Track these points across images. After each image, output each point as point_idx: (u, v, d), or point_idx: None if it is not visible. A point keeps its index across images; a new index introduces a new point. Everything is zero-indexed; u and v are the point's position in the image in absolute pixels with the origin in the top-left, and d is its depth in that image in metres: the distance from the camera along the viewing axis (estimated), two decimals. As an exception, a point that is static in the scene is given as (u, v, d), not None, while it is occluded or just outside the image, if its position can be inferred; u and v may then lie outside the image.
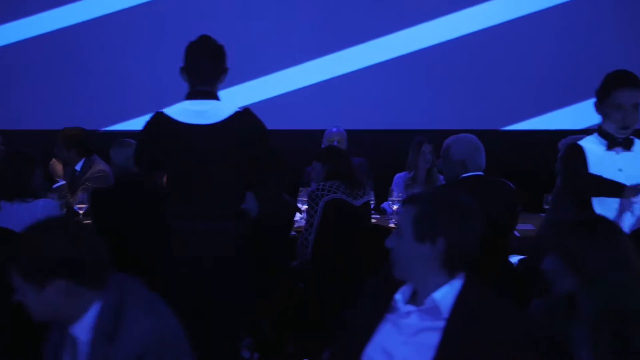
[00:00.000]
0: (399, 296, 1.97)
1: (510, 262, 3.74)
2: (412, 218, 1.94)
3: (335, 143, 5.31)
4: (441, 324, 1.90)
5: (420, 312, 1.94)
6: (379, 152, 6.21)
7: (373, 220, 4.43)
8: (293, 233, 4.14)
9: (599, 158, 2.94)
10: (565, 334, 2.02)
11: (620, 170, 2.91)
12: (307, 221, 3.89)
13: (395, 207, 4.50)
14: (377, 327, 1.98)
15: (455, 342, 1.87)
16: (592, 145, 2.98)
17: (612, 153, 2.94)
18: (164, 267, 2.85)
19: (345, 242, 3.81)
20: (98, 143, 4.88)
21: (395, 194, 4.66)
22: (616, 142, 2.93)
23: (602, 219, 2.09)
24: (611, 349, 1.94)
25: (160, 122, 2.83)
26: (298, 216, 4.30)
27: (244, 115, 2.87)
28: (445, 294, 1.92)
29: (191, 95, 2.86)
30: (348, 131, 5.38)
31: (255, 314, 3.70)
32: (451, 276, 1.94)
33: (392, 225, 4.31)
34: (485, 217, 3.56)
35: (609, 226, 2.04)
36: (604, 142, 2.94)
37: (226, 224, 2.84)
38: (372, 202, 4.51)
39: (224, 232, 2.82)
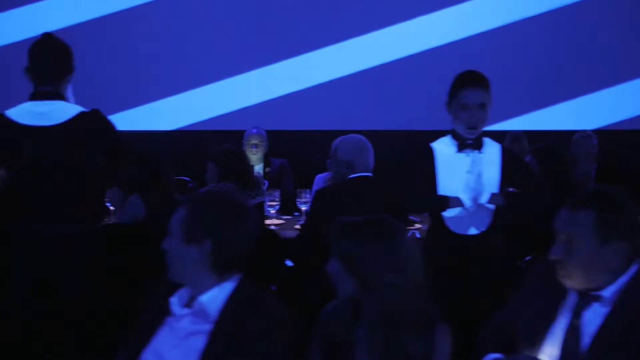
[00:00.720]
0: (174, 299, 1.95)
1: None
2: (181, 220, 1.92)
3: (253, 147, 5.29)
4: (209, 327, 1.88)
5: (191, 316, 1.92)
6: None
7: (281, 221, 4.42)
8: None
9: (449, 160, 2.91)
10: (349, 337, 1.98)
11: (468, 172, 2.88)
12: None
13: (303, 208, 4.47)
14: (156, 330, 1.96)
15: (219, 346, 1.85)
16: (443, 147, 2.95)
17: (462, 155, 2.90)
18: (9, 271, 2.82)
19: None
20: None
21: (305, 194, 4.62)
22: (466, 144, 2.90)
23: (382, 220, 2.05)
24: (386, 354, 1.91)
25: (0, 124, 2.81)
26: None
27: (90, 116, 2.84)
28: (214, 297, 1.90)
29: (33, 96, 2.83)
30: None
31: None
32: (222, 279, 1.92)
33: (297, 227, 4.27)
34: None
35: (387, 227, 2.00)
36: (455, 143, 2.92)
37: (73, 226, 2.81)
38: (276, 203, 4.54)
39: (71, 235, 2.79)
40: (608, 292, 1.91)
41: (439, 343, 1.93)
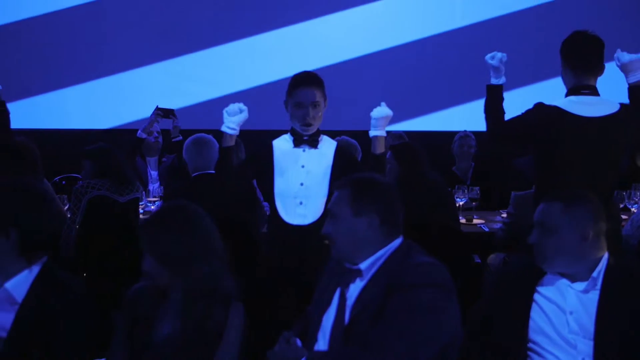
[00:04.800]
0: None
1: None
2: None
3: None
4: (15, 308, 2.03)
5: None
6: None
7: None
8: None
9: (285, 154, 3.05)
10: (153, 314, 2.15)
11: (302, 166, 3.03)
12: (70, 217, 3.97)
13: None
14: None
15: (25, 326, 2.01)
16: (283, 142, 3.10)
17: (298, 150, 3.05)
18: None
19: (109, 237, 3.92)
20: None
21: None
22: (302, 140, 3.06)
23: (181, 207, 2.20)
24: (186, 327, 2.08)
25: None
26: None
27: None
28: (22, 282, 2.05)
29: None
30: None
31: None
32: (30, 263, 2.07)
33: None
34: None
35: (186, 214, 2.16)
36: (293, 138, 3.08)
37: None
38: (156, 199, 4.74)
39: None
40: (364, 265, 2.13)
41: (232, 319, 2.13)
